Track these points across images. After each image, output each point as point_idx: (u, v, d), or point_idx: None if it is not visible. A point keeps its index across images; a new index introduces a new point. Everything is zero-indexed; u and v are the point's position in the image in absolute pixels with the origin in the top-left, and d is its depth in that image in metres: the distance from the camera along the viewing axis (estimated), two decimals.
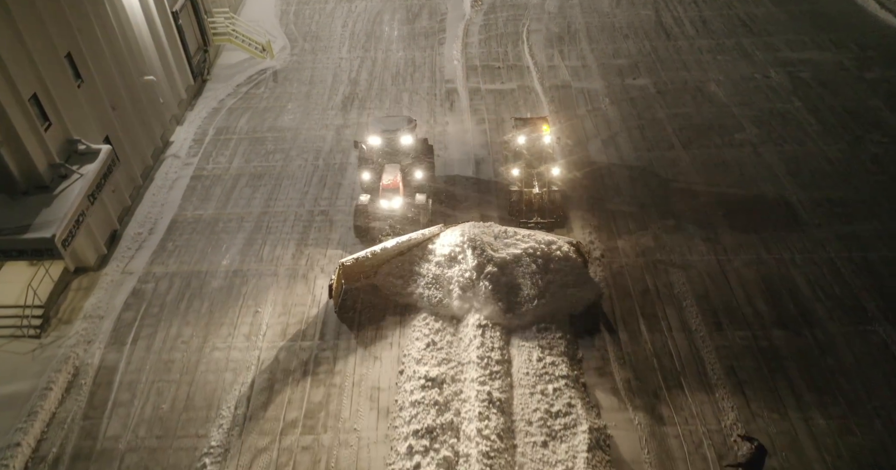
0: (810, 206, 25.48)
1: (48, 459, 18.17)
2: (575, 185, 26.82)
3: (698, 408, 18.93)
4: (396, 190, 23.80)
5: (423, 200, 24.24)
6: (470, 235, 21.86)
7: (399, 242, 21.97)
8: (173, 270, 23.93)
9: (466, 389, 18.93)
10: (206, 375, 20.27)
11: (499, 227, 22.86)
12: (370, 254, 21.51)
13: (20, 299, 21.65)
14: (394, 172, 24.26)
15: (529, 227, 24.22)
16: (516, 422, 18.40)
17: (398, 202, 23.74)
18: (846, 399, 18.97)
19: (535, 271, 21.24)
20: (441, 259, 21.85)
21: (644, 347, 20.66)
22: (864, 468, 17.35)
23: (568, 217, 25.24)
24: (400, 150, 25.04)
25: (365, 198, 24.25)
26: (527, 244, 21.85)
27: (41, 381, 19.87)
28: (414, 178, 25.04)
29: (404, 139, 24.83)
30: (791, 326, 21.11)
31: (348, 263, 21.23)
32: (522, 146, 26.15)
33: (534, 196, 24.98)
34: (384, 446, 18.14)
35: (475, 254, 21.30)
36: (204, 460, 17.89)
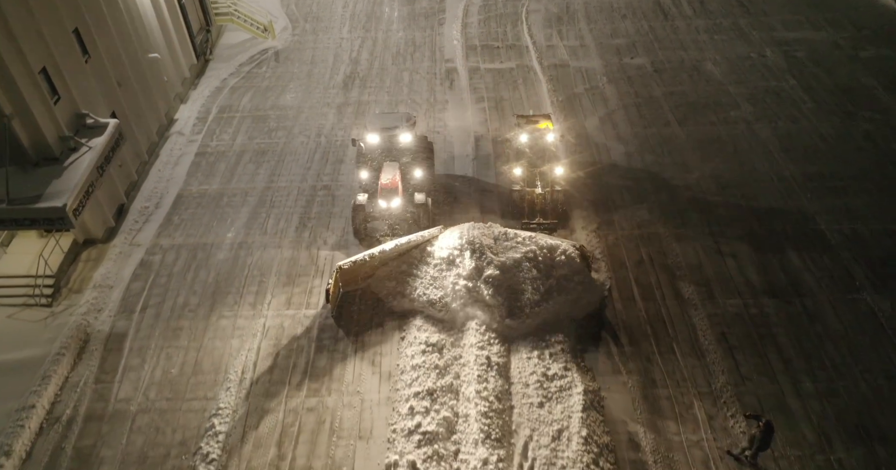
0: (802, 181, 26.04)
1: (62, 419, 18.83)
2: (578, 185, 26.14)
3: (690, 372, 19.58)
4: (395, 190, 23.01)
5: (423, 200, 23.44)
6: (469, 237, 21.23)
7: (398, 244, 21.35)
8: (180, 242, 24.52)
9: (465, 354, 19.57)
10: (213, 341, 20.91)
11: (499, 229, 22.02)
12: (368, 257, 20.94)
13: (31, 270, 22.28)
14: (392, 171, 23.44)
15: (531, 228, 23.62)
16: (514, 385, 19.05)
17: (397, 202, 22.98)
18: (833, 363, 19.63)
19: (536, 277, 20.70)
20: (439, 261, 21.29)
21: (638, 315, 21.28)
22: (848, 428, 18.00)
23: (570, 216, 24.75)
24: (399, 147, 24.29)
25: (363, 197, 23.48)
26: (528, 248, 21.16)
27: (53, 347, 20.51)
28: (413, 176, 24.25)
29: (403, 137, 24.08)
30: (781, 294, 21.73)
31: (345, 267, 20.58)
32: (525, 145, 25.47)
33: (536, 197, 24.29)
34: (386, 407, 18.79)
35: (474, 257, 20.72)
36: (213, 421, 18.55)
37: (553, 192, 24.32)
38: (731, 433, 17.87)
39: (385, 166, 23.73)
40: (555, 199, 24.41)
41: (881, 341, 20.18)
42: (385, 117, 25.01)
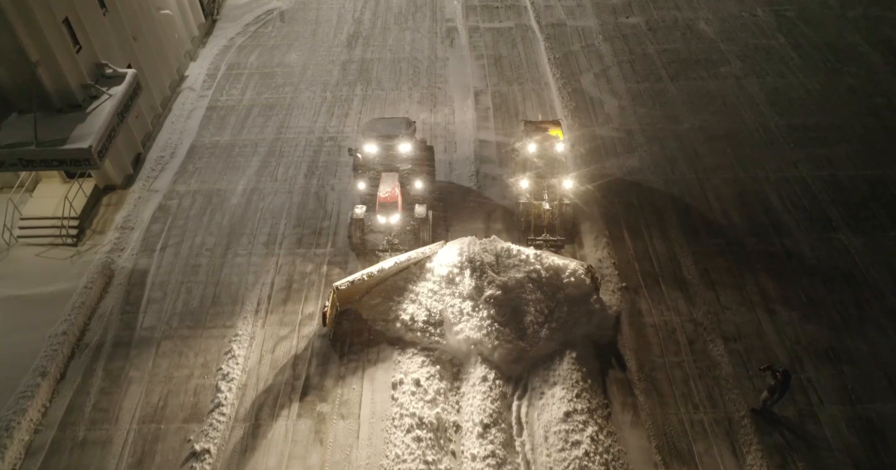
0: (786, 131, 27.33)
1: (91, 345, 20.35)
2: (588, 198, 24.41)
3: (673, 302, 21.06)
4: (394, 204, 21.90)
5: (424, 213, 22.10)
6: (469, 253, 20.01)
7: (398, 262, 20.27)
8: (195, 188, 25.88)
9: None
10: (229, 276, 22.36)
11: (502, 245, 20.58)
12: (366, 276, 19.78)
13: (56, 212, 23.65)
14: (391, 183, 22.22)
15: (537, 245, 22.16)
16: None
17: (396, 218, 21.90)
18: (807, 294, 21.11)
19: (539, 299, 19.52)
20: (438, 279, 20.17)
21: (627, 253, 22.70)
22: (819, 351, 19.52)
23: (580, 231, 23.33)
24: (398, 156, 22.90)
25: (360, 210, 22.17)
26: (532, 267, 19.88)
27: (81, 282, 21.94)
28: (413, 187, 23.00)
29: (403, 147, 22.70)
30: (762, 234, 23.15)
31: (343, 287, 19.42)
32: (533, 154, 23.59)
33: (544, 212, 22.69)
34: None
35: (474, 276, 19.54)
36: (231, 346, 20.05)
37: (562, 205, 22.78)
38: (710, 355, 19.42)
39: (383, 177, 22.53)
40: (563, 213, 22.87)
41: (853, 275, 21.64)
42: (382, 124, 23.53)
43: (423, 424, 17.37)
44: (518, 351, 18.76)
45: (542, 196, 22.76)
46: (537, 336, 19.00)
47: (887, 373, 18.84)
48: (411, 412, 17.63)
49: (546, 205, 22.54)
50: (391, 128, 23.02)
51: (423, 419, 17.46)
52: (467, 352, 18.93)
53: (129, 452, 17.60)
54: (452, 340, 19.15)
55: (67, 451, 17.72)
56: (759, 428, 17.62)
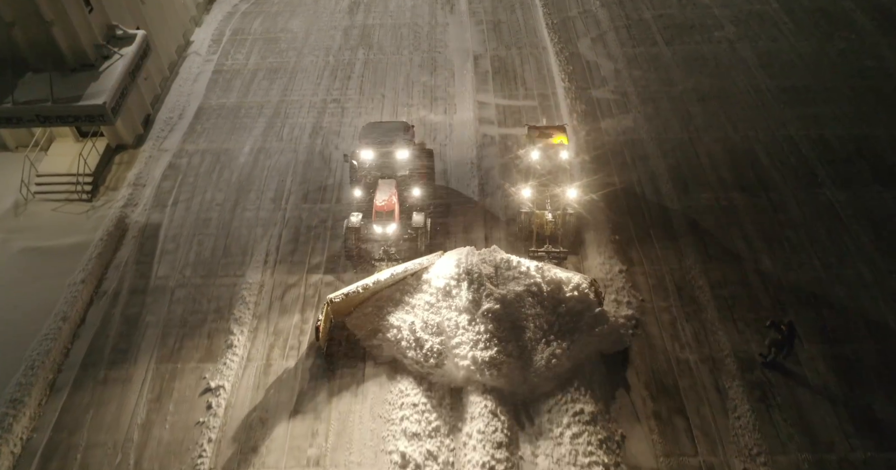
0: (777, 93, 28.12)
1: (109, 292, 21.41)
2: (592, 208, 23.44)
3: (663, 252, 22.04)
4: (391, 213, 21.18)
5: (422, 222, 21.30)
6: (467, 265, 19.13)
7: (394, 273, 19.45)
8: (203, 147, 26.78)
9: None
10: (239, 229, 23.35)
11: (502, 255, 19.79)
12: (361, 288, 18.96)
13: (71, 169, 24.59)
14: (388, 191, 21.50)
15: (539, 256, 21.51)
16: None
17: (393, 228, 21.07)
18: (791, 245, 22.08)
19: (539, 313, 18.70)
20: (435, 291, 19.31)
21: (619, 207, 23.61)
22: (801, 298, 20.47)
23: (583, 241, 22.43)
24: (395, 162, 22.27)
25: (356, 218, 21.26)
26: (532, 280, 19.07)
27: (97, 234, 22.95)
28: (411, 195, 22.29)
29: (400, 154, 22.07)
30: (749, 189, 24.07)
31: (337, 300, 18.59)
32: (536, 162, 22.56)
33: (546, 222, 21.74)
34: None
35: (472, 288, 18.64)
36: (242, 293, 21.11)
37: (565, 215, 21.75)
38: (697, 301, 20.46)
39: (380, 185, 21.80)
40: (566, 223, 21.97)
41: (836, 228, 22.58)
42: (379, 129, 22.95)
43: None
44: (519, 374, 17.75)
45: (544, 205, 21.75)
46: (541, 364, 17.91)
47: (864, 316, 19.88)
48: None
49: (549, 215, 21.57)
50: (388, 133, 22.49)
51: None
52: (465, 378, 17.86)
53: (147, 388, 18.73)
54: (450, 366, 18.09)
55: (90, 388, 18.84)
56: (741, 366, 18.70)
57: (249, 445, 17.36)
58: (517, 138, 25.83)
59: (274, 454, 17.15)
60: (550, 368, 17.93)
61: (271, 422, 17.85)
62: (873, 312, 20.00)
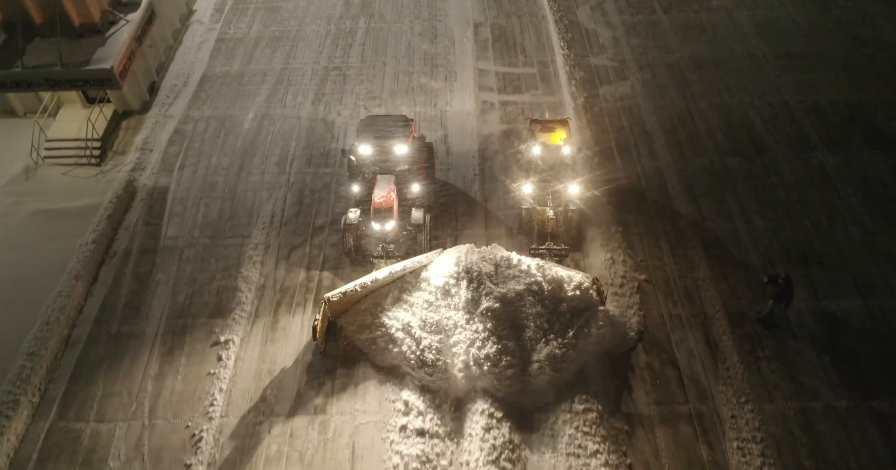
0: (773, 59, 28.54)
1: (120, 252, 22.07)
2: (594, 203, 22.86)
3: (658, 213, 22.63)
4: (390, 210, 20.44)
5: (421, 219, 20.79)
6: (467, 263, 18.81)
7: (393, 271, 19.08)
8: (208, 113, 27.28)
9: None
10: (245, 193, 23.94)
11: (502, 253, 19.49)
12: (359, 287, 18.61)
13: (80, 135, 25.11)
14: (387, 187, 20.77)
15: (540, 253, 21.00)
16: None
17: (391, 225, 20.43)
18: (782, 206, 22.68)
19: (540, 313, 18.28)
20: (434, 289, 18.90)
21: (615, 171, 24.18)
22: (790, 255, 21.15)
23: (585, 237, 21.92)
24: (395, 157, 21.75)
25: (354, 215, 20.65)
26: (533, 278, 18.70)
27: (106, 197, 23.55)
28: (411, 190, 21.86)
29: (399, 149, 21.56)
30: (744, 153, 24.61)
31: (334, 299, 18.22)
32: (537, 157, 22.06)
33: (548, 219, 21.26)
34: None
35: (471, 287, 18.37)
36: (249, 253, 21.77)
37: (567, 211, 21.31)
38: (690, 259, 21.11)
39: (378, 180, 21.11)
40: (568, 219, 21.47)
41: (826, 189, 23.17)
42: (378, 122, 22.32)
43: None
44: (519, 373, 17.36)
45: (546, 202, 21.38)
46: (542, 363, 17.50)
47: (851, 273, 20.54)
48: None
49: (550, 211, 21.12)
50: (387, 127, 21.93)
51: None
52: (465, 378, 17.47)
53: (159, 342, 19.46)
54: (452, 373, 17.60)
55: (104, 342, 19.57)
56: (732, 321, 19.39)
57: (259, 394, 18.13)
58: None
59: (282, 403, 17.92)
60: (554, 368, 17.41)
61: (279, 373, 18.60)
62: (860, 270, 20.66)
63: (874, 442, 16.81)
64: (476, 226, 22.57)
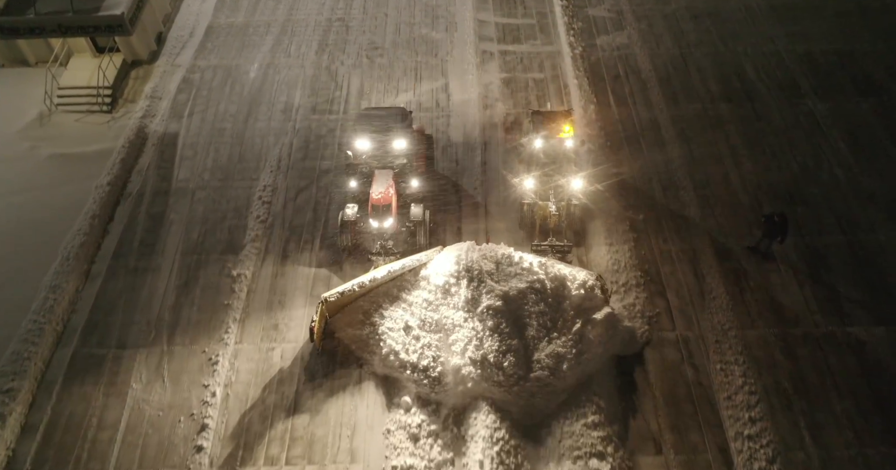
0: (767, 10, 29.15)
1: (134, 194, 22.95)
2: (596, 198, 22.03)
3: (651, 156, 23.50)
4: (388, 207, 19.92)
5: (420, 215, 20.23)
6: (467, 261, 18.32)
7: (391, 270, 18.54)
8: (215, 63, 27.94)
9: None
10: (252, 138, 24.75)
11: (504, 250, 18.89)
12: (357, 286, 18.03)
13: (91, 82, 25.81)
14: (385, 182, 20.25)
15: (542, 250, 20.46)
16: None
17: (390, 222, 19.96)
18: (772, 150, 23.53)
19: (543, 311, 17.74)
20: (434, 288, 18.36)
21: (612, 117, 24.97)
22: (777, 195, 22.07)
23: (587, 231, 21.31)
24: (393, 151, 21.17)
25: (352, 210, 20.18)
26: (535, 276, 18.12)
27: (118, 142, 24.37)
28: (410, 185, 21.24)
29: (398, 143, 21.03)
30: (735, 100, 25.40)
31: (332, 299, 17.69)
32: (539, 150, 21.41)
33: (550, 215, 20.61)
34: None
35: (471, 286, 17.82)
36: (258, 194, 22.66)
37: (569, 206, 20.74)
38: (681, 199, 22.03)
39: (376, 175, 20.54)
40: (571, 214, 20.92)
41: (814, 134, 24.01)
42: (375, 116, 21.65)
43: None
44: (523, 371, 16.86)
45: (548, 197, 20.79)
46: (544, 362, 17.00)
47: (835, 212, 21.50)
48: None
49: (552, 207, 20.52)
50: (384, 120, 21.31)
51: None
52: (465, 378, 16.88)
53: (175, 276, 20.45)
54: (450, 382, 16.98)
55: (122, 276, 20.56)
56: (719, 256, 20.39)
57: (271, 322, 19.19)
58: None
59: (293, 330, 18.99)
60: (556, 370, 16.91)
61: (289, 304, 19.64)
62: (844, 209, 21.62)
63: (850, 365, 17.94)
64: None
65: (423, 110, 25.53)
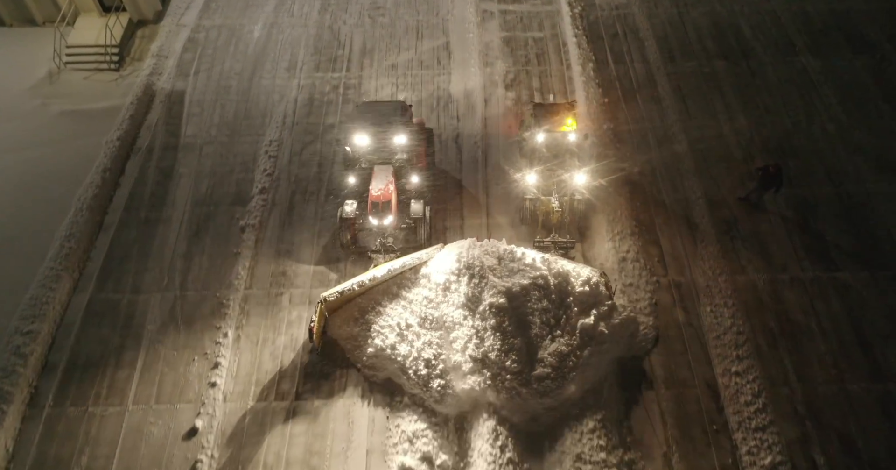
0: None
1: (143, 149, 23.57)
2: (600, 192, 21.54)
3: (648, 113, 24.06)
4: (388, 204, 19.42)
5: (421, 212, 19.68)
6: (469, 258, 17.82)
7: (391, 269, 18.14)
8: (219, 22, 28.37)
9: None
10: (258, 95, 25.30)
11: (505, 247, 18.55)
12: (356, 286, 17.76)
13: (98, 41, 26.28)
14: (384, 178, 19.79)
15: (545, 246, 19.75)
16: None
17: (390, 220, 19.40)
18: (765, 106, 24.10)
19: (546, 308, 17.34)
20: (434, 286, 17.96)
21: (609, 74, 25.50)
22: (769, 148, 22.65)
23: (590, 227, 20.88)
24: (392, 146, 20.64)
25: (350, 207, 19.63)
26: (538, 272, 17.66)
27: (127, 99, 24.90)
28: (410, 181, 20.77)
29: (398, 139, 20.44)
30: (731, 57, 25.88)
31: (331, 299, 17.42)
32: (542, 144, 20.79)
33: (552, 210, 19.97)
34: None
35: (472, 282, 17.35)
36: (265, 148, 23.28)
37: (573, 201, 20.18)
38: (676, 152, 22.66)
39: (376, 172, 20.09)
40: (574, 210, 20.44)
41: (808, 91, 24.55)
42: (373, 109, 21.05)
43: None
44: (526, 380, 16.42)
45: (550, 192, 20.18)
46: (547, 362, 16.67)
47: (825, 164, 22.14)
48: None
49: (555, 202, 19.92)
50: (384, 115, 20.71)
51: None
52: (467, 397, 16.44)
53: (186, 226, 21.16)
54: (456, 385, 16.51)
55: (134, 227, 21.26)
56: (711, 206, 21.08)
57: (279, 269, 19.96)
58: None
59: (300, 277, 19.77)
60: (559, 375, 16.59)
61: (296, 252, 20.39)
62: (834, 161, 22.27)
63: (835, 307, 18.74)
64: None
65: (423, 68, 26.06)
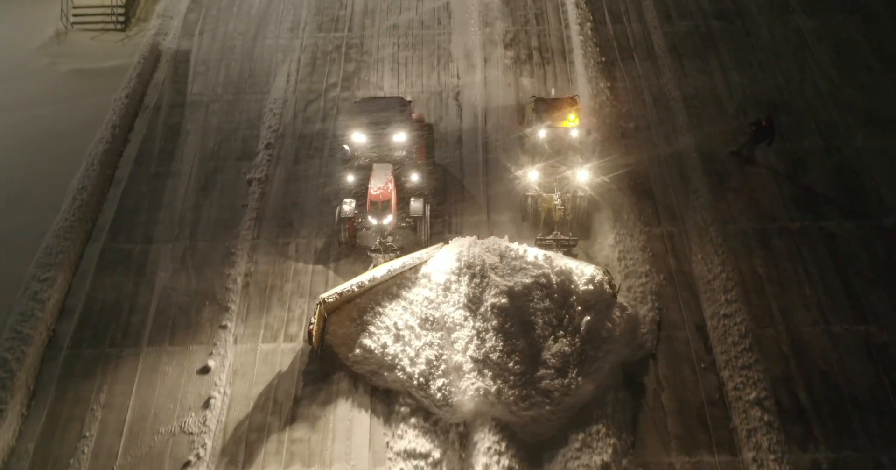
0: None
1: (151, 106, 24.13)
2: (602, 190, 20.91)
3: (644, 71, 24.59)
4: (387, 203, 18.87)
5: (421, 211, 19.21)
6: (469, 257, 17.40)
7: (391, 269, 17.79)
8: None
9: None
10: (261, 55, 25.82)
11: (507, 244, 18.05)
12: (356, 287, 17.43)
13: (104, 2, 26.75)
14: (384, 176, 19.23)
15: (547, 244, 19.25)
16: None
17: (389, 219, 18.89)
18: (759, 64, 24.61)
19: (549, 308, 16.90)
20: (435, 286, 17.50)
21: (607, 33, 25.98)
22: (762, 104, 23.10)
23: (593, 224, 20.39)
24: (392, 144, 19.90)
25: (349, 206, 19.19)
26: (541, 271, 17.22)
27: (133, 59, 25.44)
28: (410, 179, 20.21)
29: (398, 137, 19.73)
30: (727, 17, 26.36)
31: (330, 300, 17.11)
32: (543, 141, 20.22)
33: (555, 207, 19.50)
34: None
35: (473, 282, 16.94)
36: (270, 106, 23.85)
37: (575, 198, 19.58)
38: (671, 109, 23.24)
39: (375, 170, 19.48)
40: (576, 207, 19.79)
41: (801, 50, 25.05)
42: (372, 106, 20.45)
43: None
44: (529, 381, 16.05)
45: (552, 189, 19.66)
46: (550, 363, 16.33)
47: (816, 120, 22.75)
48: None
49: (557, 199, 19.42)
50: (382, 111, 20.11)
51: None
52: (469, 406, 15.88)
53: (194, 180, 21.83)
54: (458, 391, 16.03)
55: (144, 181, 21.93)
56: (704, 159, 21.70)
57: (286, 220, 20.67)
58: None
59: (306, 228, 20.49)
60: (562, 378, 16.19)
61: (301, 204, 21.08)
62: (825, 116, 22.88)
63: (821, 255, 19.46)
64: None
65: (424, 28, 26.54)
